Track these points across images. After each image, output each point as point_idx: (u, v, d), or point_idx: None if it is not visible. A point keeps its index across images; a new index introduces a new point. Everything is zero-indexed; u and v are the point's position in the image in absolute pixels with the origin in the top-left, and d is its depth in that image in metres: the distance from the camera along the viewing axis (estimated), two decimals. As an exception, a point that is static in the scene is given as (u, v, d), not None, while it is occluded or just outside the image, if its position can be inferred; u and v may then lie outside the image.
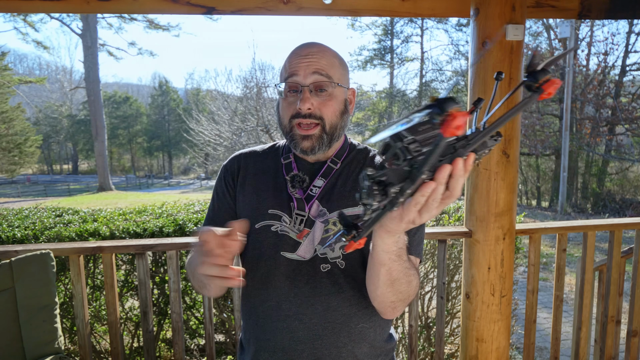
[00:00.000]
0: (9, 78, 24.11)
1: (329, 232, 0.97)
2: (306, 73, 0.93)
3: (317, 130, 0.94)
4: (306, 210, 0.97)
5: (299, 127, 0.94)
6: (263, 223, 0.99)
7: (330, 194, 0.99)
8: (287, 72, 0.96)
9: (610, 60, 15.90)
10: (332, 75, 0.95)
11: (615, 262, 2.24)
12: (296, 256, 0.97)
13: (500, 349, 1.98)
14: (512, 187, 1.87)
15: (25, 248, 1.83)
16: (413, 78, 40.98)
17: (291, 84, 0.95)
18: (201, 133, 15.83)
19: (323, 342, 0.95)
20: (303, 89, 0.93)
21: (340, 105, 0.98)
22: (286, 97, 0.97)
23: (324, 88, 0.94)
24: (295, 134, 0.96)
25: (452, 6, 1.95)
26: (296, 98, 0.94)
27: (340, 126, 0.98)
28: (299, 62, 0.94)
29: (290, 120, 0.95)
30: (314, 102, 0.93)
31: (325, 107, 0.95)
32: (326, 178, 1.01)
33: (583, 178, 16.72)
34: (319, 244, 0.96)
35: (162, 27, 25.40)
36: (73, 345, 2.45)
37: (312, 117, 0.94)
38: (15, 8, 1.87)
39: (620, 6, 1.99)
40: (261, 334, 0.98)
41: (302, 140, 0.95)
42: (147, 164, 55.92)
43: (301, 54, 0.95)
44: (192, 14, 1.85)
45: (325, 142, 0.96)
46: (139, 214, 2.72)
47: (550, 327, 2.24)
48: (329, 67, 0.95)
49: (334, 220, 0.98)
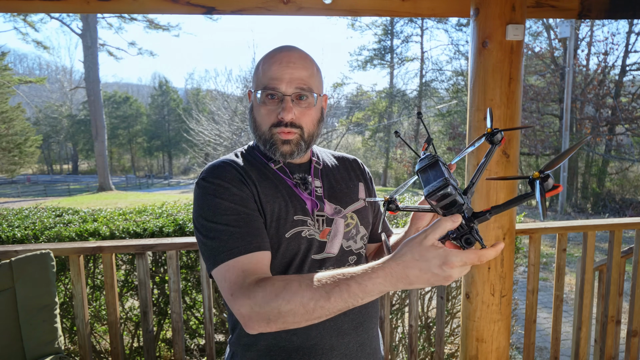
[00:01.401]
0: (9, 78, 24.11)
1: (350, 226, 1.04)
2: (289, 84, 0.94)
3: (296, 137, 0.97)
4: (324, 210, 1.02)
5: (281, 133, 0.96)
6: (293, 231, 0.96)
7: (332, 192, 1.06)
8: (267, 79, 0.95)
9: (610, 60, 15.91)
10: (312, 86, 0.97)
11: (615, 262, 2.24)
12: (326, 254, 1.00)
13: (500, 349, 1.98)
14: (512, 187, 1.87)
15: (25, 248, 1.83)
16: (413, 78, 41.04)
17: (271, 91, 0.94)
18: (201, 133, 15.83)
19: (364, 328, 1.02)
20: (285, 98, 0.94)
21: (317, 114, 1.00)
22: (264, 104, 0.96)
23: (305, 96, 0.96)
24: (275, 140, 0.96)
25: (452, 6, 1.95)
26: (276, 106, 0.95)
27: (317, 134, 1.02)
28: (282, 70, 0.94)
29: (271, 129, 0.96)
30: (295, 111, 0.95)
31: (305, 117, 0.97)
32: (318, 177, 1.06)
33: (583, 178, 16.72)
34: (344, 239, 1.02)
35: (162, 27, 25.40)
36: (73, 345, 2.45)
37: (292, 127, 0.95)
38: (15, 8, 1.87)
39: (620, 6, 1.99)
40: (305, 342, 0.96)
41: (282, 144, 0.96)
42: (147, 164, 55.92)
43: (283, 62, 0.95)
44: (192, 14, 1.85)
45: (302, 149, 0.99)
46: (139, 214, 2.72)
47: (550, 327, 2.24)
48: (309, 78, 0.96)
49: (351, 214, 1.06)
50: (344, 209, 1.05)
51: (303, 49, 1.01)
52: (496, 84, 1.79)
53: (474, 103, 1.86)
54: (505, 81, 1.78)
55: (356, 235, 1.05)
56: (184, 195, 22.54)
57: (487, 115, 0.77)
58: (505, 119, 1.81)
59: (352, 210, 1.06)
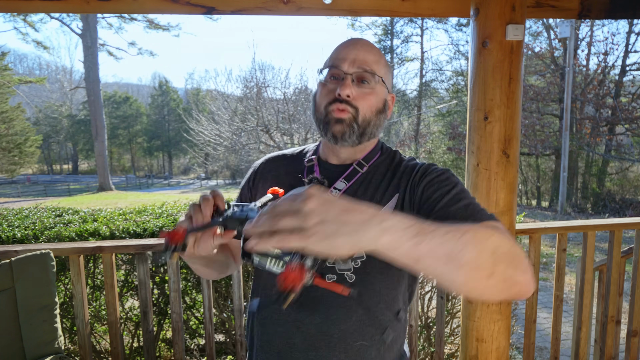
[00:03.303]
0: (9, 78, 24.11)
1: None
2: (352, 63, 0.91)
3: (349, 116, 0.91)
4: None
5: (335, 111, 0.92)
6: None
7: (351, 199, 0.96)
8: (332, 61, 0.94)
9: (610, 60, 15.92)
10: (376, 70, 0.93)
11: (615, 262, 2.24)
12: None
13: (500, 349, 1.97)
14: (512, 187, 1.87)
15: (25, 248, 1.83)
16: (413, 78, 41.12)
17: (334, 71, 0.93)
18: (201, 133, 15.84)
19: (318, 354, 0.90)
20: (345, 76, 0.91)
21: (378, 102, 0.95)
22: (326, 84, 0.94)
23: (366, 80, 0.92)
24: (330, 118, 0.92)
25: (452, 6, 1.95)
26: (337, 85, 0.92)
27: (374, 124, 0.95)
28: (347, 51, 0.93)
29: (327, 107, 0.93)
30: (354, 91, 0.91)
31: (363, 100, 0.92)
32: (349, 181, 0.96)
33: (583, 178, 16.73)
34: None
35: (162, 27, 25.39)
36: (73, 345, 2.45)
37: (348, 104, 0.91)
38: (15, 8, 1.86)
39: (620, 6, 1.99)
40: (262, 334, 0.98)
41: (334, 124, 0.92)
42: (147, 164, 55.93)
43: (350, 44, 0.94)
44: (192, 14, 1.85)
45: (355, 132, 0.92)
46: (139, 214, 2.72)
47: (550, 327, 2.24)
48: (374, 63, 0.93)
49: None
50: None
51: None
52: (496, 84, 1.79)
53: (474, 103, 1.86)
54: (505, 81, 1.78)
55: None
56: (184, 195, 22.55)
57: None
58: (505, 119, 1.81)
59: None
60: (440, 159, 21.46)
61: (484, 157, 1.85)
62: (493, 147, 1.83)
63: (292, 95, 14.27)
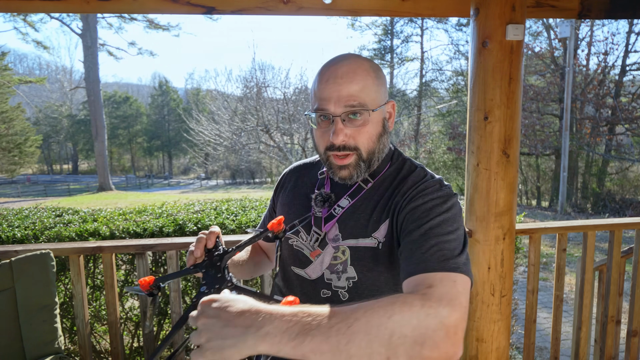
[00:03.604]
0: (9, 78, 24.10)
1: (337, 260, 0.94)
2: (337, 102, 0.87)
3: (353, 159, 0.90)
4: (323, 230, 0.96)
5: (335, 158, 0.91)
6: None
7: (350, 219, 0.94)
8: (317, 100, 0.90)
9: (610, 60, 15.91)
10: (365, 101, 0.87)
11: (615, 262, 2.24)
12: (304, 273, 0.98)
13: (500, 349, 1.97)
14: (512, 187, 1.87)
15: (25, 248, 1.83)
16: (413, 78, 41.12)
17: (322, 112, 0.90)
18: (201, 133, 15.84)
19: None
20: (335, 119, 0.87)
21: (377, 128, 0.91)
22: (319, 126, 0.91)
23: (357, 114, 0.88)
24: (332, 164, 0.93)
25: (452, 6, 1.95)
26: (329, 127, 0.89)
27: (379, 149, 0.93)
28: (328, 88, 0.87)
29: (326, 152, 0.92)
30: (347, 132, 0.88)
31: (360, 135, 0.89)
32: (353, 198, 0.96)
33: (583, 178, 16.72)
34: (327, 269, 0.96)
35: (162, 27, 25.39)
36: (73, 345, 2.45)
37: (346, 149, 0.89)
38: (15, 8, 1.86)
39: (620, 6, 1.99)
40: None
41: (339, 170, 0.92)
42: (147, 164, 55.93)
43: (330, 79, 0.88)
44: (192, 14, 1.85)
45: (363, 169, 0.92)
46: (139, 214, 2.72)
47: (550, 327, 2.24)
48: (361, 91, 0.87)
49: (344, 248, 0.93)
50: (342, 239, 0.94)
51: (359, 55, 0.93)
52: (496, 84, 1.79)
53: (474, 103, 1.86)
54: (505, 81, 1.78)
55: (341, 272, 0.93)
56: (184, 195, 22.55)
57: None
58: (505, 119, 1.81)
59: (349, 245, 0.93)
60: (440, 159, 21.46)
61: (484, 157, 1.85)
62: (493, 147, 1.83)
63: (292, 95, 14.28)
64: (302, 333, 0.57)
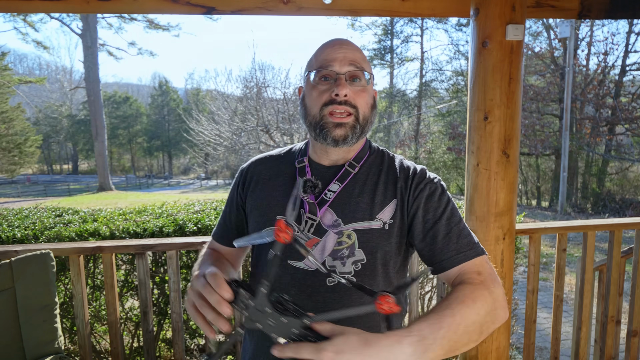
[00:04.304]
0: (9, 78, 24.10)
1: (342, 245, 0.92)
2: (342, 63, 0.92)
3: (351, 120, 0.91)
4: (318, 216, 0.93)
5: (331, 115, 0.91)
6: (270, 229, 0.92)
7: (346, 204, 0.94)
8: (320, 63, 0.93)
9: (610, 60, 15.92)
10: (365, 68, 0.94)
11: (615, 262, 2.24)
12: (303, 265, 0.93)
13: (500, 349, 1.97)
14: (512, 187, 1.87)
15: (25, 248, 1.83)
16: (413, 78, 41.05)
17: (325, 72, 0.92)
18: (201, 133, 15.83)
19: None
20: (339, 76, 0.91)
21: (370, 99, 0.96)
22: (317, 86, 0.93)
23: (358, 78, 0.93)
24: (326, 122, 0.92)
25: (452, 6, 1.95)
26: (329, 86, 0.92)
27: (371, 121, 0.96)
28: (335, 52, 0.93)
29: (322, 109, 0.92)
30: (349, 90, 0.91)
31: (360, 98, 0.92)
32: (342, 182, 0.96)
33: (583, 178, 16.73)
34: (329, 256, 0.92)
35: (162, 27, 25.39)
36: (73, 345, 2.45)
37: (347, 105, 0.91)
38: (15, 8, 1.86)
39: (620, 6, 1.99)
40: (261, 336, 0.95)
41: (334, 128, 0.91)
42: (147, 164, 55.94)
43: (336, 45, 0.94)
44: (192, 14, 1.85)
45: (357, 133, 0.93)
46: (139, 214, 2.72)
47: (550, 327, 2.24)
48: (362, 61, 0.94)
49: (349, 232, 0.92)
50: (344, 223, 0.93)
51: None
52: (496, 84, 1.79)
53: (474, 103, 1.86)
54: (505, 81, 1.78)
55: (347, 257, 0.92)
56: (184, 195, 22.55)
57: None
58: (505, 119, 1.81)
59: (355, 228, 0.93)
60: (440, 159, 21.46)
61: (484, 157, 1.85)
62: (493, 147, 1.83)
63: (292, 95, 14.27)
64: (425, 351, 0.67)
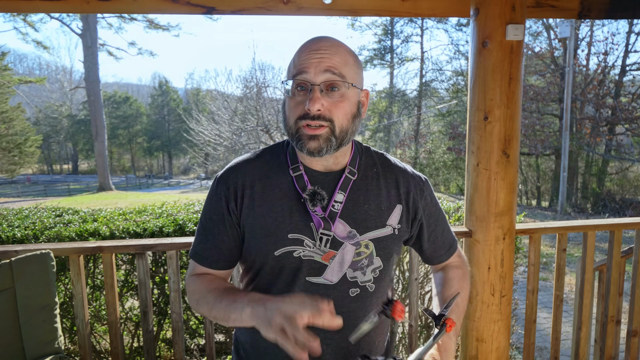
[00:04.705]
0: (9, 78, 24.10)
1: (361, 255, 0.92)
2: (317, 70, 0.84)
3: (325, 132, 0.86)
4: (332, 230, 0.90)
5: (306, 128, 0.86)
6: (283, 250, 0.90)
7: (355, 213, 0.93)
8: (296, 69, 0.86)
9: (610, 60, 15.92)
10: (345, 74, 0.86)
11: (615, 262, 2.24)
12: (323, 280, 0.91)
13: (500, 349, 1.97)
14: (512, 187, 1.87)
15: (25, 248, 1.83)
16: (413, 78, 40.99)
17: (300, 81, 0.85)
18: (201, 133, 15.83)
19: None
20: (313, 87, 0.84)
21: (352, 107, 0.89)
22: (294, 96, 0.87)
23: (336, 87, 0.85)
24: (301, 134, 0.86)
25: (452, 6, 1.94)
26: (305, 97, 0.85)
27: (351, 131, 0.90)
28: (310, 57, 0.85)
29: (297, 122, 0.86)
30: (324, 102, 0.84)
31: (337, 109, 0.86)
32: (345, 191, 0.93)
33: (583, 178, 16.73)
34: (350, 268, 0.92)
35: (162, 27, 25.39)
36: (73, 345, 2.45)
37: (320, 119, 0.84)
38: (15, 8, 1.86)
39: (620, 6, 1.99)
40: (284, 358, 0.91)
41: (308, 140, 0.86)
42: (147, 164, 55.93)
43: (312, 49, 0.86)
44: (192, 14, 1.85)
45: (333, 145, 0.87)
46: (139, 214, 2.72)
47: (550, 327, 2.24)
48: (342, 65, 0.86)
49: (366, 242, 0.93)
50: (360, 234, 0.92)
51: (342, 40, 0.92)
52: (496, 84, 1.79)
53: (474, 103, 1.86)
54: (505, 81, 1.78)
55: (367, 266, 0.93)
56: (184, 195, 22.55)
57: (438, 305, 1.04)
58: (505, 119, 1.81)
59: (372, 237, 0.93)
60: (440, 159, 21.46)
61: (484, 157, 1.85)
62: (493, 147, 1.83)
63: (292, 95, 14.27)
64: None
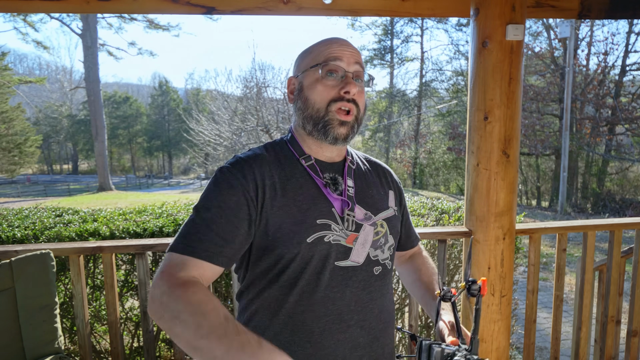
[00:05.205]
0: (9, 78, 24.09)
1: (379, 234, 0.99)
2: (350, 61, 0.94)
3: (352, 119, 0.94)
4: (355, 212, 0.96)
5: (339, 112, 0.92)
6: (315, 236, 0.90)
7: (365, 197, 1.01)
8: (326, 57, 0.93)
9: (610, 60, 15.92)
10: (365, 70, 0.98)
11: (615, 262, 2.24)
12: (350, 262, 0.93)
13: (500, 349, 1.97)
14: (512, 187, 1.87)
15: (25, 248, 1.83)
16: (413, 78, 41.01)
17: (333, 67, 0.93)
18: (201, 133, 15.82)
19: (379, 343, 0.98)
20: (347, 74, 0.93)
21: (365, 100, 1.00)
22: (323, 80, 0.93)
23: (360, 79, 0.96)
24: (332, 119, 0.92)
25: (452, 6, 1.95)
26: (336, 82, 0.93)
27: (363, 121, 1.00)
28: (342, 49, 0.94)
29: (330, 104, 0.92)
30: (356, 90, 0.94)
31: (361, 97, 0.96)
32: (351, 178, 1.01)
33: (583, 178, 16.73)
34: (371, 247, 0.97)
35: (162, 27, 25.38)
36: (73, 345, 2.45)
37: (353, 103, 0.93)
38: (15, 8, 1.86)
39: (620, 6, 1.99)
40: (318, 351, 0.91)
41: (339, 126, 0.92)
42: (147, 164, 55.92)
43: (340, 43, 0.96)
44: (192, 14, 1.85)
45: (354, 132, 0.96)
46: (139, 214, 2.72)
47: (550, 327, 2.24)
48: (362, 63, 0.98)
49: (381, 222, 1.01)
50: (374, 215, 0.99)
51: None
52: (496, 84, 1.79)
53: (474, 103, 1.86)
54: (505, 81, 1.78)
55: (384, 244, 1.00)
56: (184, 195, 22.54)
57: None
58: (505, 119, 1.81)
59: (383, 217, 1.02)
60: (440, 159, 21.47)
61: (484, 157, 1.85)
62: (493, 147, 1.83)
63: (292, 95, 14.26)
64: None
